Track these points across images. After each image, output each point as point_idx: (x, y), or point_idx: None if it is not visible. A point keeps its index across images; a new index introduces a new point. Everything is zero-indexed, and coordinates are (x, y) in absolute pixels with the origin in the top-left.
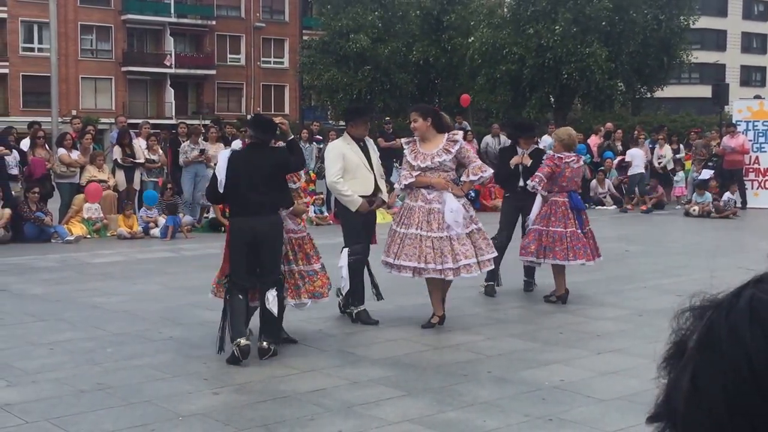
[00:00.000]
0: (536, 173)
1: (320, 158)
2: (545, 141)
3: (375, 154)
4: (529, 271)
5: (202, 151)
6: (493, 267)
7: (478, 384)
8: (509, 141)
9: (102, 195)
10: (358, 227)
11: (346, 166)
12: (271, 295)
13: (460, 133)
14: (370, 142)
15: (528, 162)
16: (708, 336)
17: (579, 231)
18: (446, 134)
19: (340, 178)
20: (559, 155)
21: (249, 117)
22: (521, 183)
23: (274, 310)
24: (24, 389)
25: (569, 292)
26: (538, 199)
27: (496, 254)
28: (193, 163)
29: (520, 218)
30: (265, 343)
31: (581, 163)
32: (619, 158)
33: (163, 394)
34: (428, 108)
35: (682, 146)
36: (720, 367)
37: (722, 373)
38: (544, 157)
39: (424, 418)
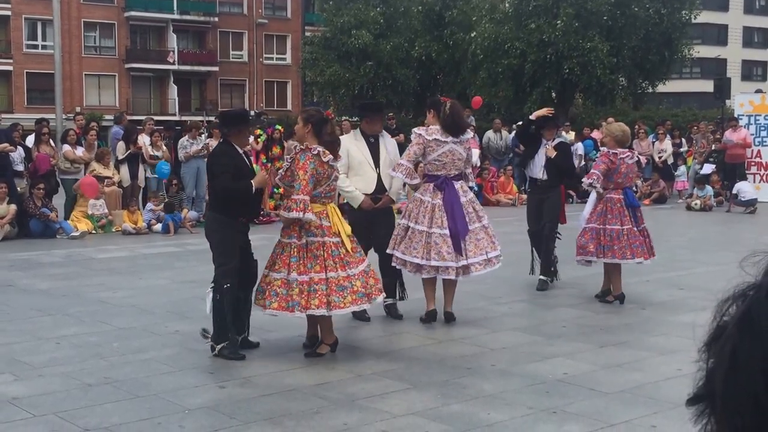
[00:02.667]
0: (592, 170)
1: None
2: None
3: (386, 151)
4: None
5: (206, 146)
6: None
7: (482, 377)
8: (510, 135)
9: (98, 188)
10: (359, 226)
11: (350, 162)
12: (210, 296)
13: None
14: (384, 139)
15: (552, 154)
16: (747, 315)
17: (635, 228)
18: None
19: (342, 174)
20: (614, 151)
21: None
22: (543, 176)
23: (206, 307)
24: (31, 383)
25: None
26: (592, 196)
27: (442, 264)
28: (193, 158)
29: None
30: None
31: (635, 158)
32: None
33: (169, 387)
34: (433, 101)
35: (683, 140)
36: (759, 345)
37: (761, 351)
38: (598, 155)
39: (429, 411)
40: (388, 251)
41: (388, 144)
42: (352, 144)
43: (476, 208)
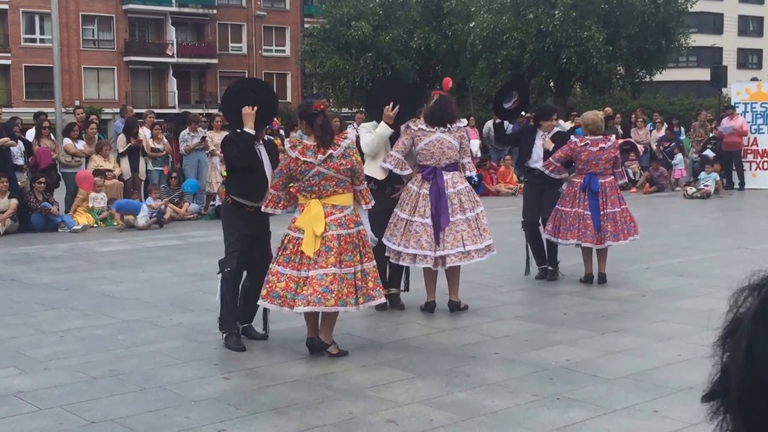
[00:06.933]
0: (549, 158)
1: None
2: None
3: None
4: (551, 253)
5: (203, 139)
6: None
7: (486, 365)
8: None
9: (93, 181)
10: (377, 217)
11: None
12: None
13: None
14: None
15: (550, 146)
16: (763, 308)
17: (585, 212)
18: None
19: (367, 144)
20: (576, 140)
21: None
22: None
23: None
24: (36, 377)
25: (593, 276)
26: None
27: (420, 252)
28: (194, 150)
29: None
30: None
31: (607, 145)
32: (620, 141)
33: (174, 379)
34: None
35: (682, 129)
36: None
37: None
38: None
39: (433, 400)
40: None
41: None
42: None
43: (463, 200)
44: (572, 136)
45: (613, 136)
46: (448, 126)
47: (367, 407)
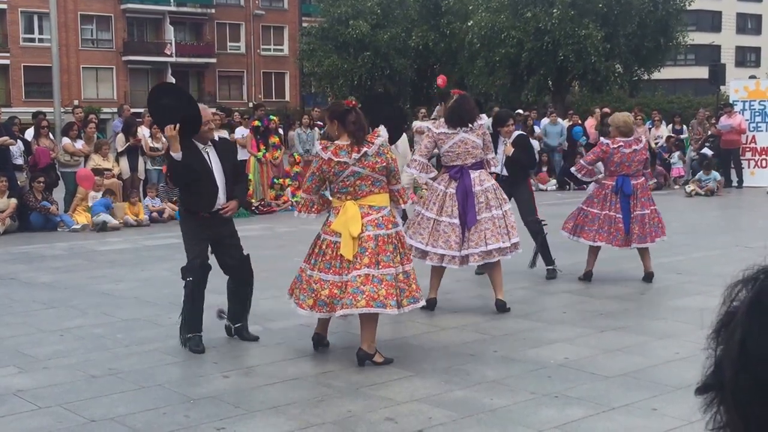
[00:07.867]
0: (581, 161)
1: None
2: (544, 123)
3: (395, 147)
4: (545, 252)
5: None
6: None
7: (485, 363)
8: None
9: (94, 180)
10: None
11: None
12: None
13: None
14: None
15: (510, 151)
16: (757, 300)
17: (617, 215)
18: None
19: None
20: (607, 141)
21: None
22: (503, 172)
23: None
24: (36, 375)
25: (592, 274)
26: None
27: (448, 253)
28: None
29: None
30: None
31: (639, 146)
32: None
33: (173, 378)
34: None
35: (685, 127)
36: None
37: None
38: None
39: (432, 398)
40: None
41: (399, 142)
42: None
43: (489, 197)
44: (602, 138)
45: (644, 138)
46: (470, 125)
47: (366, 405)
